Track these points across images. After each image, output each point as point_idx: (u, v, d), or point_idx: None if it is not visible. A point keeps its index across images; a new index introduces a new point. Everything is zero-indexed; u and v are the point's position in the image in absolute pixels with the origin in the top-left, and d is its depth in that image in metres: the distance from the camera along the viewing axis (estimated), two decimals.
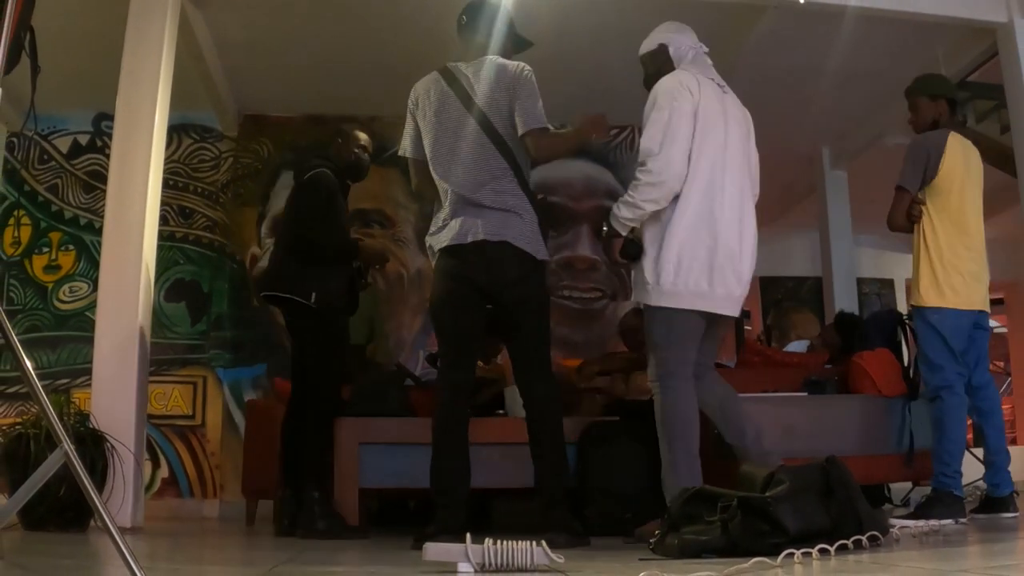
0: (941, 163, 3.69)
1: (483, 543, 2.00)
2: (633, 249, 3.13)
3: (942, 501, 3.44)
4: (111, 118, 4.45)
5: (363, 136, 4.23)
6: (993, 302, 10.68)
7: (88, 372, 4.18)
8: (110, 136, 4.51)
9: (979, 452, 6.12)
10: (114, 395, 3.95)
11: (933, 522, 3.20)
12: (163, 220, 5.24)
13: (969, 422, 9.00)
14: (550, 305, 3.37)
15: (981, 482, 3.93)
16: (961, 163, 3.75)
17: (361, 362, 5.08)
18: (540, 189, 6.71)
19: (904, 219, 3.74)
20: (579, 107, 6.60)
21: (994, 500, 3.58)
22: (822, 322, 7.79)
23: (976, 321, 3.74)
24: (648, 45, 3.52)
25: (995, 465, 3.65)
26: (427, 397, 4.54)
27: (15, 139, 6.41)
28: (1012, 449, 9.06)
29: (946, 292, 3.63)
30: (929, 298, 3.64)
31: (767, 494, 2.34)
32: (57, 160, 6.50)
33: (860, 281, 7.13)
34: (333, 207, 3.94)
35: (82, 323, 6.00)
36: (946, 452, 3.51)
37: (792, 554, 2.07)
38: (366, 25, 5.44)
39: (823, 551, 2.17)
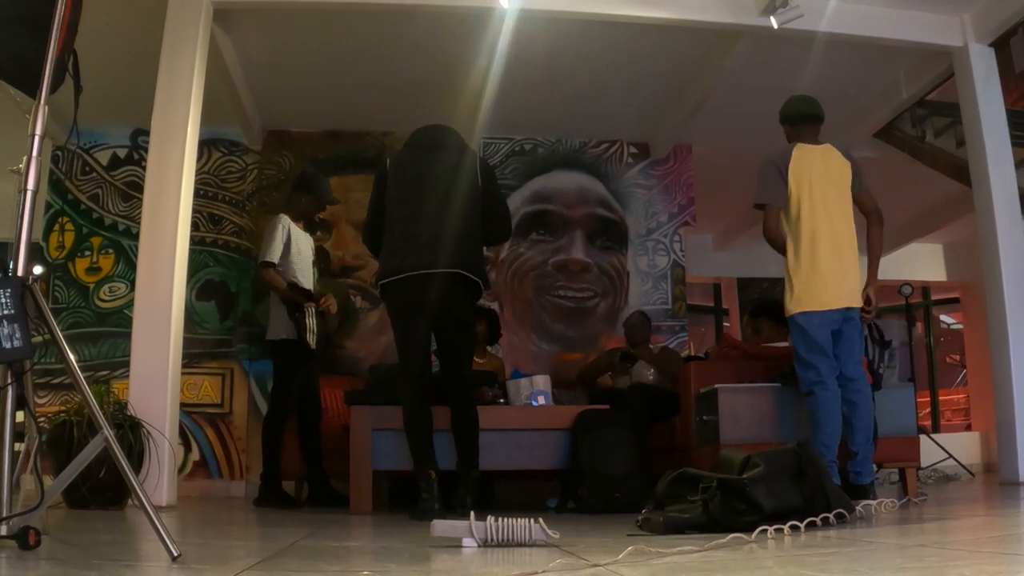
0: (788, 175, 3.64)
1: (485, 520, 2.00)
2: None
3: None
4: (147, 133, 4.46)
5: None
6: (949, 301, 10.69)
7: (126, 365, 4.19)
8: (146, 150, 4.52)
9: (939, 437, 6.10)
10: (150, 385, 3.96)
11: None
12: (194, 226, 5.24)
13: (931, 410, 8.90)
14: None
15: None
16: (806, 171, 3.65)
17: None
18: (536, 199, 6.79)
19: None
20: (572, 123, 6.66)
21: (855, 487, 3.36)
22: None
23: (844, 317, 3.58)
24: None
25: (859, 455, 3.50)
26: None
27: (60, 152, 6.42)
28: (966, 435, 9.09)
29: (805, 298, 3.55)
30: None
31: (744, 476, 2.34)
32: (98, 171, 6.50)
33: None
34: None
35: (121, 320, 6.00)
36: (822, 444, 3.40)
37: (766, 530, 2.08)
38: (379, 49, 5.45)
39: (794, 528, 2.17)
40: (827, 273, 3.54)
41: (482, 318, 5.45)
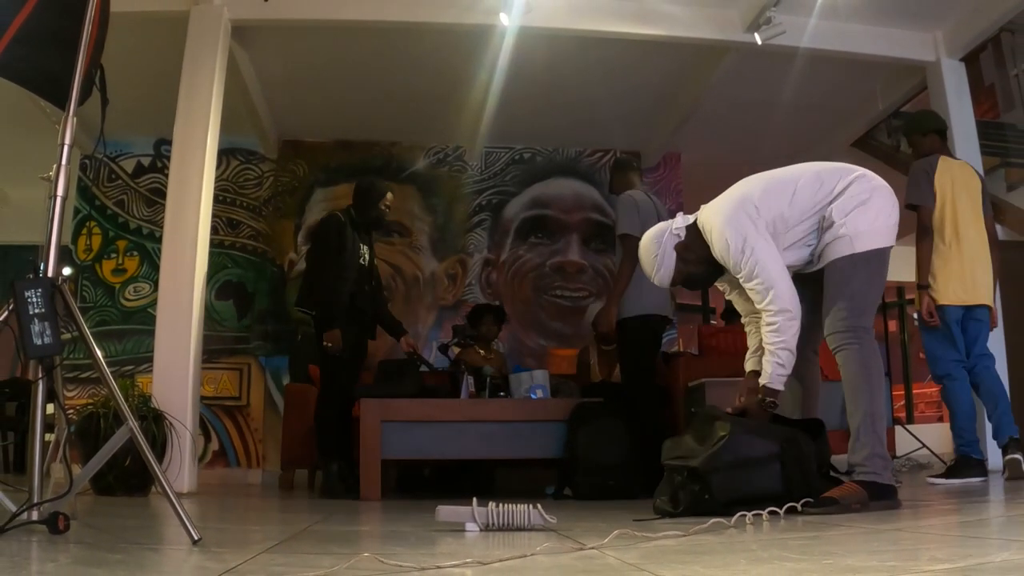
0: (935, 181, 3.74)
1: (487, 506, 2.00)
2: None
3: (968, 464, 3.56)
4: (169, 143, 4.47)
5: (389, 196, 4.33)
6: None
7: (150, 360, 4.19)
8: (169, 158, 4.52)
9: (913, 428, 6.09)
10: (172, 380, 3.96)
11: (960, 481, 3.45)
12: (214, 230, 5.24)
13: (905, 402, 8.93)
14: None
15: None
16: (948, 180, 3.76)
17: None
18: (535, 204, 6.79)
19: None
20: (569, 133, 6.67)
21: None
22: None
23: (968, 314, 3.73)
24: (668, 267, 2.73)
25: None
26: (439, 381, 4.56)
27: (87, 161, 6.42)
28: (938, 426, 9.07)
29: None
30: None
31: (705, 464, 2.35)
32: (123, 179, 6.51)
33: None
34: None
35: (145, 318, 6.01)
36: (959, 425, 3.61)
37: (744, 515, 2.07)
38: (387, 64, 5.45)
39: (772, 513, 2.16)
40: (958, 273, 3.68)
41: (496, 317, 5.41)
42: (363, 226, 4.26)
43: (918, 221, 3.77)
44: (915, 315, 3.82)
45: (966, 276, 3.69)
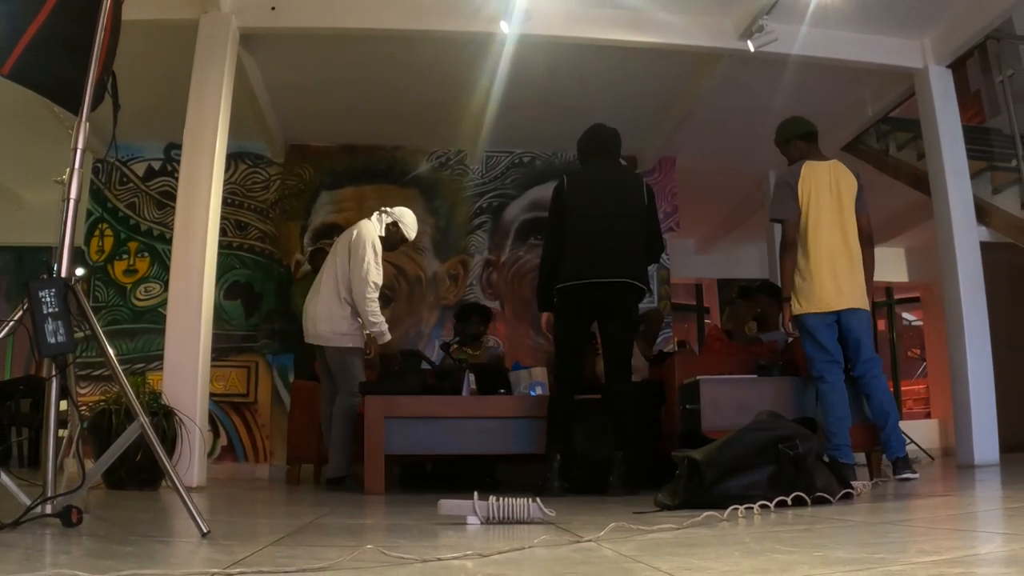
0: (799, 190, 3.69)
1: (488, 500, 2.00)
2: None
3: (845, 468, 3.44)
4: (179, 147, 4.46)
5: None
6: (911, 300, 10.62)
7: (160, 358, 4.19)
8: (179, 162, 4.52)
9: (902, 424, 6.09)
10: (182, 377, 3.96)
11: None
12: (222, 232, 5.24)
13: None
14: None
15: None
16: (809, 186, 3.70)
17: None
18: (534, 207, 6.78)
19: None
20: (567, 137, 6.65)
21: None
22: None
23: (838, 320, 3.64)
24: None
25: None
26: (430, 377, 4.55)
27: (100, 164, 6.42)
28: (926, 422, 9.03)
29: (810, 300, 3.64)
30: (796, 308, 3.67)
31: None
32: (134, 182, 6.51)
33: None
34: None
35: (155, 317, 6.01)
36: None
37: (737, 509, 2.07)
38: (390, 71, 5.45)
39: (764, 507, 2.16)
40: (823, 279, 3.61)
41: (482, 317, 5.47)
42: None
43: (782, 235, 3.74)
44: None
45: (827, 282, 3.60)
